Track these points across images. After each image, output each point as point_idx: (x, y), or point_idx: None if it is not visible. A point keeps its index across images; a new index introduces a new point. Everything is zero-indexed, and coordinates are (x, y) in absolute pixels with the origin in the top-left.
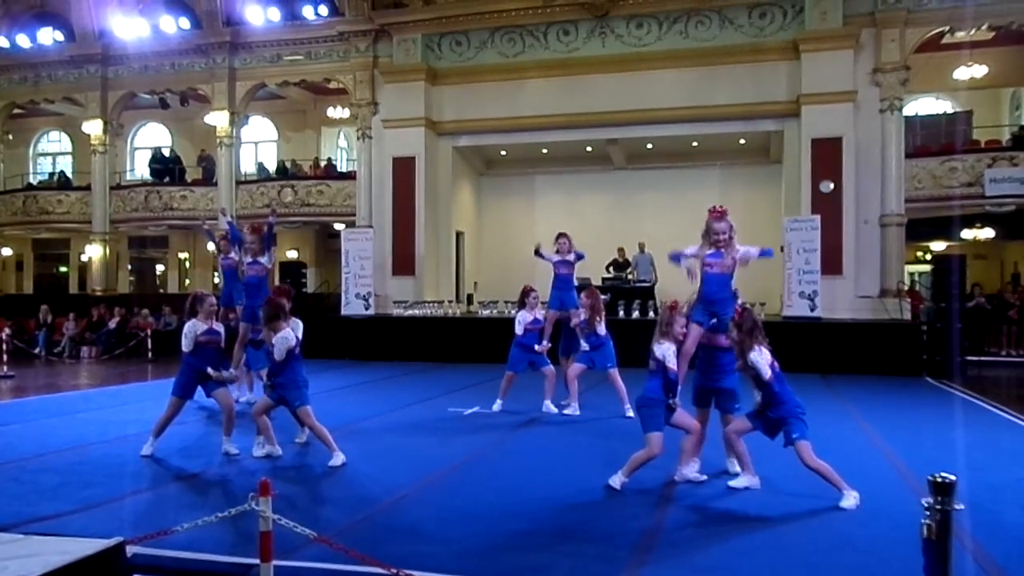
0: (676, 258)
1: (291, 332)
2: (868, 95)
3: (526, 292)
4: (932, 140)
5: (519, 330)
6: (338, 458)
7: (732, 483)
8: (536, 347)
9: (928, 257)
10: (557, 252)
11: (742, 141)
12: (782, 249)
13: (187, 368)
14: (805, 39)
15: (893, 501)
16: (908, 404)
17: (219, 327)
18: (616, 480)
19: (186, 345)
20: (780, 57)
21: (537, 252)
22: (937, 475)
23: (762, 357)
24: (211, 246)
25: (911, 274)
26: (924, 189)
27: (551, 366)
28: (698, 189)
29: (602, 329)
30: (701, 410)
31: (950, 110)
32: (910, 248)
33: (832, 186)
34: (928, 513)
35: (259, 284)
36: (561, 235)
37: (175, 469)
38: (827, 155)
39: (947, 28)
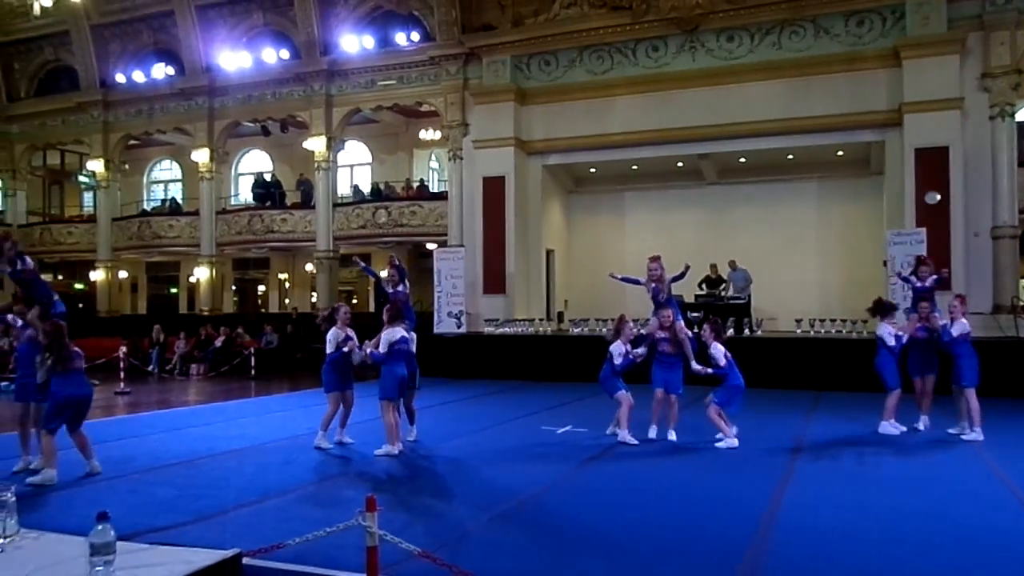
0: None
1: (399, 331)
2: (976, 102)
3: (624, 323)
4: None
5: (618, 360)
6: (390, 449)
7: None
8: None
9: None
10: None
11: (840, 153)
12: (885, 264)
13: (332, 367)
14: (906, 45)
15: (1011, 531)
16: None
17: (352, 332)
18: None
19: (331, 347)
20: (879, 65)
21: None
22: None
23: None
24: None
25: None
26: None
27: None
28: (794, 203)
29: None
30: None
31: None
32: None
33: (939, 197)
34: None
35: (407, 306)
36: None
37: (279, 482)
38: (932, 165)
39: None
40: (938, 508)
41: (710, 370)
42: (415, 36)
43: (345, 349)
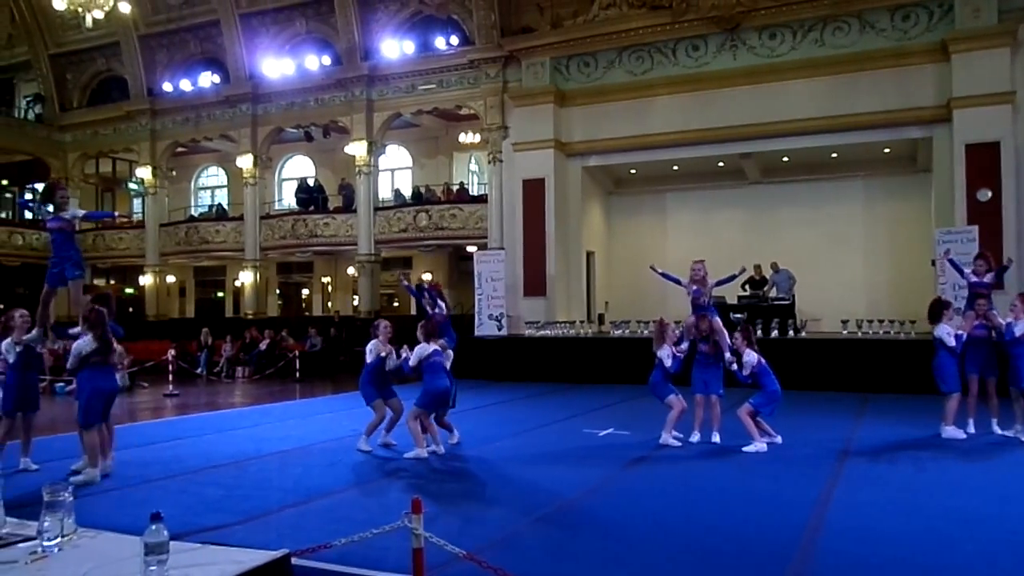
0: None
1: (431, 347)
2: None
3: (665, 326)
4: None
5: (668, 363)
6: (419, 452)
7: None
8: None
9: None
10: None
11: (886, 150)
12: (933, 263)
13: (369, 377)
14: (955, 39)
15: None
16: None
17: (391, 348)
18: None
19: (370, 357)
20: (926, 60)
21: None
22: None
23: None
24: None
25: None
26: None
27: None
28: (839, 202)
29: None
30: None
31: None
32: None
33: (990, 194)
34: None
35: (446, 325)
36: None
37: (325, 483)
38: (983, 161)
39: None
40: (994, 511)
41: (735, 366)
42: (454, 40)
43: (383, 354)
